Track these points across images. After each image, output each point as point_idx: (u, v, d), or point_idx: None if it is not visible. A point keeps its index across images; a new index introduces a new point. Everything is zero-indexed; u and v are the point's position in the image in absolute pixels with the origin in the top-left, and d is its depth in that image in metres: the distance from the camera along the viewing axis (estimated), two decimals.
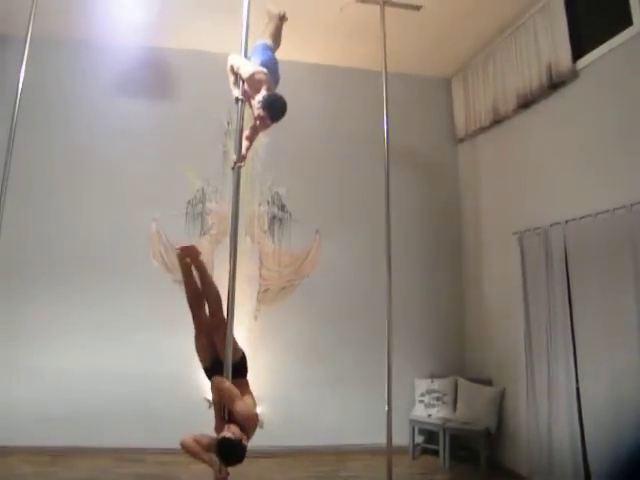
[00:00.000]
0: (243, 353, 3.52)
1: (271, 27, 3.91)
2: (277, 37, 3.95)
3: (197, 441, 3.24)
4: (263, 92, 3.46)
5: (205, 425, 3.36)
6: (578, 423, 4.80)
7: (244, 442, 3.08)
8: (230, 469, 3.18)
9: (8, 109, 4.41)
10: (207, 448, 3.18)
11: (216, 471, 3.16)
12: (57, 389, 5.90)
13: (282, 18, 3.94)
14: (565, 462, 4.85)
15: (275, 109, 3.47)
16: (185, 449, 3.28)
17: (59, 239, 6.28)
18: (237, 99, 3.58)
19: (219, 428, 3.14)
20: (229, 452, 3.04)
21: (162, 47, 6.66)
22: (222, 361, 3.32)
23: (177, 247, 3.65)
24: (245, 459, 3.08)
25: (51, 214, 6.33)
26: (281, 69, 3.81)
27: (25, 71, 4.41)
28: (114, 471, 5.51)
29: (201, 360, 3.54)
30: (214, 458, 3.17)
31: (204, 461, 3.24)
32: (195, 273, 3.54)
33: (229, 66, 3.65)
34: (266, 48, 3.78)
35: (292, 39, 6.26)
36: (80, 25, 6.17)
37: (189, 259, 3.52)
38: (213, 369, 3.42)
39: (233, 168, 3.57)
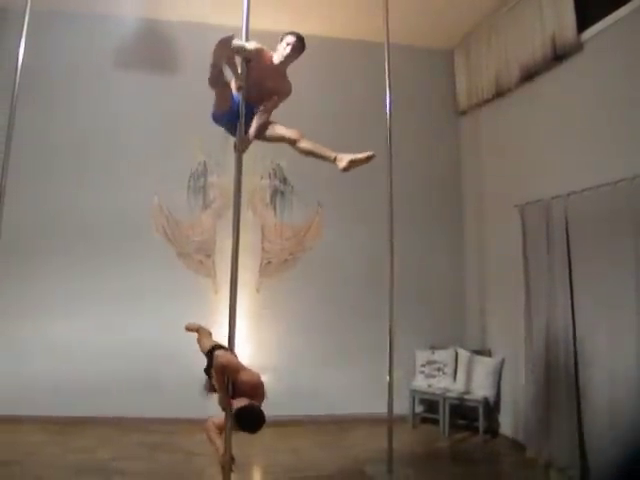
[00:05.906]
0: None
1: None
2: None
3: (216, 424, 3.26)
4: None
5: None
6: (575, 394, 4.87)
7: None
8: (234, 438, 3.24)
9: (8, 83, 4.38)
10: (221, 429, 3.22)
11: (221, 455, 3.17)
12: (65, 361, 6.00)
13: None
14: (561, 431, 4.95)
15: None
16: (206, 433, 3.32)
17: (63, 212, 6.30)
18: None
19: (226, 402, 3.18)
20: (250, 419, 3.05)
21: (164, 20, 6.58)
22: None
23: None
24: None
25: (54, 188, 6.34)
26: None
27: (25, 45, 4.37)
28: (120, 439, 5.63)
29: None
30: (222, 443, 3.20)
31: (215, 446, 3.24)
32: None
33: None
34: None
35: (294, 11, 6.28)
36: None
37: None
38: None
39: (235, 151, 3.58)
